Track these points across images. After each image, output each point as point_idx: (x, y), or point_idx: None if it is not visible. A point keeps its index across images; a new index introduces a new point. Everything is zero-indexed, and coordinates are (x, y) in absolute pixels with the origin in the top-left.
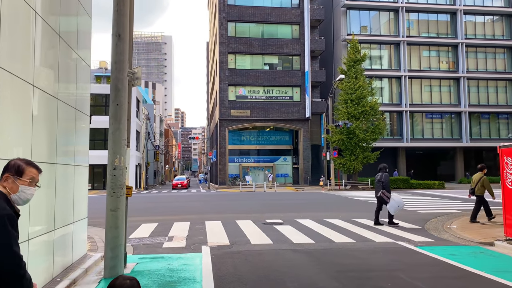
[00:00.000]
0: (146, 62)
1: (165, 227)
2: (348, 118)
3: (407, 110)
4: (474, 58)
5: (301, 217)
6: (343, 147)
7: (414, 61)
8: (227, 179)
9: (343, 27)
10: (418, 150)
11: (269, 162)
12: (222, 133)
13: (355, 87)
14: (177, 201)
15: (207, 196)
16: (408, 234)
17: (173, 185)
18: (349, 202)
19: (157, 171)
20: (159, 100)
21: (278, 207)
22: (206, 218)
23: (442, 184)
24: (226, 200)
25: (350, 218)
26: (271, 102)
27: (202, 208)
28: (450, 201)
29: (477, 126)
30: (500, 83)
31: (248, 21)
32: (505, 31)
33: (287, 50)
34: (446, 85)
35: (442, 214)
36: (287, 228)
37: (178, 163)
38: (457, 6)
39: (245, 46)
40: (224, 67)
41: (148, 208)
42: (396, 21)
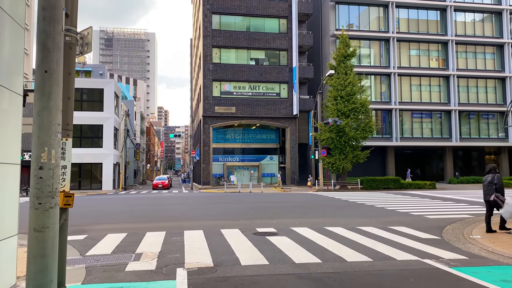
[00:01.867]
0: (129, 59)
1: (135, 239)
2: (338, 115)
3: (397, 108)
4: (464, 56)
5: (296, 225)
6: (332, 146)
7: (404, 58)
8: (211, 179)
9: (331, 22)
10: (407, 150)
11: (255, 161)
12: (206, 131)
13: (345, 83)
14: (155, 203)
15: (189, 198)
16: (430, 247)
17: (153, 185)
18: (344, 205)
19: (137, 171)
20: (140, 96)
21: (269, 212)
22: (186, 226)
23: (433, 184)
24: (210, 203)
25: (354, 226)
26: (257, 98)
27: (182, 213)
28: (455, 203)
29: (466, 125)
30: (489, 82)
31: (233, 14)
32: (495, 29)
33: (274, 44)
34: (435, 83)
35: (455, 220)
36: (284, 240)
37: (161, 162)
38: (447, 3)
39: (231, 40)
40: (208, 61)
41: (121, 212)
42: (385, 16)
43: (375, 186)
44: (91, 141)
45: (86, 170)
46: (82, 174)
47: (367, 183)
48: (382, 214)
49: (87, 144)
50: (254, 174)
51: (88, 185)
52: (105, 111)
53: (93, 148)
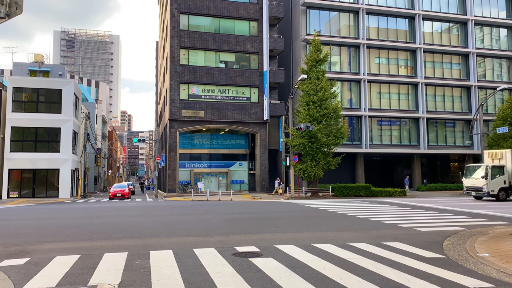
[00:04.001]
0: (91, 62)
1: (89, 263)
2: (310, 121)
3: (366, 114)
4: (431, 65)
5: (280, 241)
6: (304, 152)
7: (373, 65)
8: (177, 186)
9: (302, 26)
10: (376, 156)
11: (224, 167)
12: (172, 136)
13: (317, 88)
14: (116, 215)
15: (154, 208)
16: (442, 270)
17: (111, 194)
18: (324, 215)
19: (98, 177)
20: (102, 99)
21: (245, 225)
22: (152, 244)
23: (404, 191)
24: (178, 214)
25: (345, 243)
26: (226, 102)
27: (146, 227)
28: (438, 213)
29: (433, 132)
30: (455, 91)
31: (202, 15)
32: (460, 39)
33: (245, 47)
34: (404, 91)
35: (449, 233)
36: (271, 263)
37: (123, 168)
38: (416, 11)
39: (199, 41)
40: (175, 63)
41: (76, 226)
42: (356, 23)
43: (346, 193)
44: (47, 145)
45: (41, 176)
46: (36, 181)
47: (338, 190)
48: (369, 227)
49: (42, 149)
50: (222, 181)
51: (43, 192)
52: (64, 113)
53: (50, 152)
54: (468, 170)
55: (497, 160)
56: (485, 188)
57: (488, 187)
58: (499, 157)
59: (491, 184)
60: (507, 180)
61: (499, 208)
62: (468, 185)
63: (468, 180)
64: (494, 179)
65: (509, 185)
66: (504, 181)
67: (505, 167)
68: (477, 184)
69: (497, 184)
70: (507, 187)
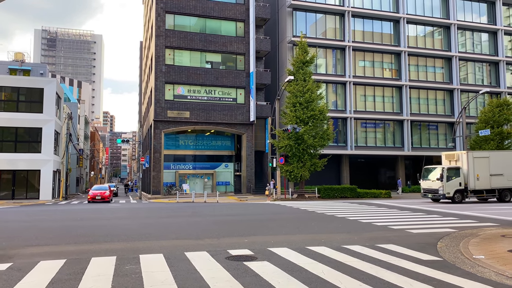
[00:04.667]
0: (73, 61)
1: (77, 269)
2: (297, 122)
3: (352, 116)
4: (415, 69)
5: (274, 244)
6: (290, 154)
7: (359, 67)
8: (162, 187)
9: (288, 28)
10: (361, 158)
11: (209, 169)
12: (157, 136)
13: (304, 90)
14: (102, 217)
15: (139, 210)
16: (441, 273)
17: (90, 197)
18: (314, 217)
19: (80, 178)
20: (85, 99)
21: (235, 227)
22: (141, 248)
23: (388, 193)
24: (165, 216)
25: (339, 245)
26: (213, 103)
27: (133, 229)
28: (427, 215)
29: (417, 135)
30: (439, 94)
31: (188, 14)
32: (443, 43)
33: (231, 48)
34: (389, 94)
35: (441, 235)
36: (267, 267)
37: (106, 170)
38: (400, 14)
39: (185, 41)
40: (160, 63)
41: (60, 228)
42: (341, 25)
43: (332, 194)
44: (28, 145)
45: (21, 177)
46: (16, 182)
47: (324, 192)
48: (360, 229)
49: (23, 149)
50: (208, 183)
51: (23, 194)
52: (45, 113)
53: (30, 153)
54: (425, 172)
55: (454, 162)
56: (441, 190)
57: (443, 189)
58: (455, 159)
59: (446, 186)
60: (462, 182)
61: (463, 209)
62: (425, 187)
63: (425, 182)
64: (450, 181)
65: (464, 187)
66: (459, 183)
67: (461, 169)
68: (434, 186)
69: (452, 186)
70: (462, 189)
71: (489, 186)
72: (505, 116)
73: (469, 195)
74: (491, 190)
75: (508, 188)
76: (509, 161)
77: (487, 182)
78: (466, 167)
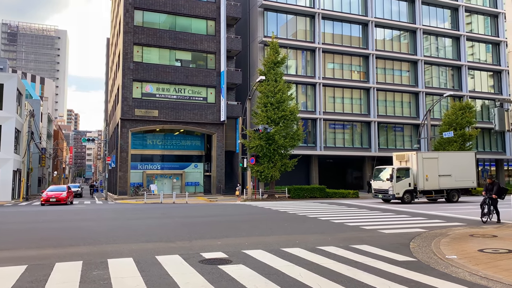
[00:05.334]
0: (36, 57)
1: (39, 276)
2: (268, 122)
3: (321, 117)
4: (382, 72)
5: (248, 246)
6: (261, 154)
7: (328, 69)
8: (129, 188)
9: (260, 28)
10: (329, 159)
11: (178, 169)
12: (124, 135)
13: (275, 90)
14: (66, 219)
15: (106, 211)
16: (417, 274)
17: (43, 199)
18: (286, 217)
19: (42, 178)
20: (48, 96)
21: (207, 229)
22: (109, 252)
23: (356, 193)
24: (133, 218)
25: (314, 246)
26: (182, 102)
27: (100, 232)
28: (396, 215)
29: (384, 136)
30: (405, 97)
31: (158, 11)
32: (410, 46)
33: (202, 46)
34: (357, 95)
35: (412, 235)
36: (243, 270)
37: (69, 169)
38: (369, 18)
39: (154, 38)
40: (128, 60)
41: (19, 231)
42: (312, 27)
43: (302, 195)
44: None
45: None
46: None
47: (294, 192)
48: (333, 229)
49: None
50: (176, 183)
51: None
52: (5, 110)
53: None
54: (376, 172)
55: (404, 163)
56: (391, 190)
57: (393, 190)
58: (406, 159)
59: (396, 187)
60: (412, 183)
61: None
62: (376, 187)
63: (376, 183)
64: (400, 181)
65: (414, 188)
66: (409, 183)
67: (411, 169)
68: (384, 186)
69: (402, 187)
70: (412, 189)
71: (438, 186)
72: (467, 119)
73: (418, 196)
74: (439, 191)
75: (455, 188)
76: (457, 162)
77: (436, 183)
78: (416, 168)
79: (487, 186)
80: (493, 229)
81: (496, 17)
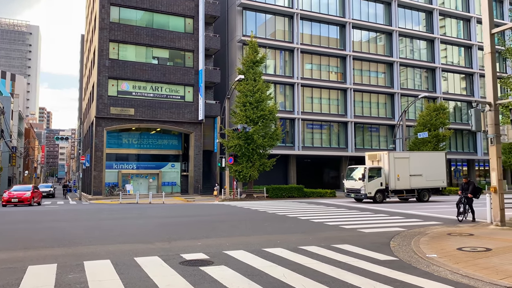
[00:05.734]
0: (6, 53)
1: (10, 280)
2: (246, 122)
3: (299, 117)
4: (359, 73)
5: (229, 247)
6: (240, 153)
7: (306, 69)
8: (104, 188)
9: (238, 27)
10: (307, 158)
11: (155, 168)
12: (98, 134)
13: (254, 90)
14: (38, 219)
15: (80, 212)
16: (401, 274)
17: (4, 200)
18: (266, 217)
19: (12, 178)
20: (19, 93)
21: (186, 229)
22: (85, 253)
23: (333, 192)
24: (109, 218)
25: (296, 246)
26: (159, 100)
27: (75, 233)
28: (374, 214)
29: (360, 136)
30: (381, 98)
31: (134, 7)
32: (386, 48)
33: (180, 44)
34: (334, 96)
35: (392, 234)
36: (226, 272)
37: (41, 169)
38: (346, 19)
39: (131, 35)
40: (104, 57)
41: None
42: (290, 27)
43: (280, 194)
44: None
45: None
46: None
47: (272, 192)
48: (313, 229)
49: None
50: (153, 183)
51: None
52: None
53: None
54: (348, 171)
55: (376, 162)
56: (363, 190)
57: (365, 189)
58: (378, 159)
59: (368, 186)
60: (383, 182)
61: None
62: (348, 186)
63: (348, 182)
64: (372, 180)
65: (385, 187)
66: (381, 183)
67: (383, 169)
68: (356, 186)
69: (374, 186)
70: (383, 189)
71: (409, 186)
72: (441, 120)
73: (390, 195)
74: (411, 190)
75: (426, 188)
76: (427, 162)
77: (407, 182)
78: (388, 167)
79: (463, 185)
80: (469, 227)
81: (469, 21)
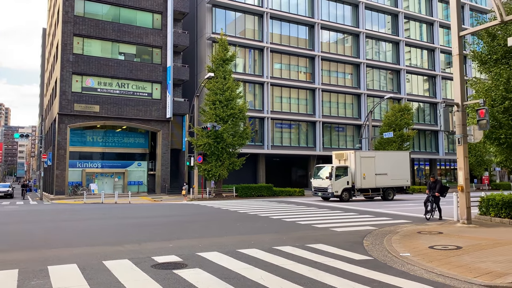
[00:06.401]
0: None
1: None
2: (216, 120)
3: (269, 117)
4: (327, 74)
5: (202, 248)
6: (209, 152)
7: (276, 69)
8: (67, 187)
9: (208, 24)
10: (276, 157)
11: (120, 167)
12: (61, 132)
13: (224, 88)
14: None
15: (42, 213)
16: (378, 274)
17: None
18: (237, 217)
19: None
20: None
21: (155, 229)
22: (49, 257)
23: (302, 191)
24: (73, 219)
25: (270, 246)
26: (126, 97)
27: (38, 235)
28: (344, 213)
29: (328, 135)
30: (348, 98)
31: (100, 1)
32: (353, 49)
33: (147, 40)
34: (303, 96)
35: (364, 233)
36: (201, 275)
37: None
38: (315, 20)
39: (96, 30)
40: (68, 51)
41: None
42: (260, 26)
43: (249, 193)
44: None
45: None
46: None
47: (242, 191)
48: (286, 228)
49: None
50: (118, 182)
51: None
52: None
53: None
54: (316, 170)
55: (343, 161)
56: (330, 188)
57: (332, 188)
58: (344, 158)
59: (335, 185)
60: (350, 181)
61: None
62: (315, 185)
63: (315, 181)
64: (338, 179)
65: (352, 186)
66: (347, 181)
67: (349, 168)
68: (323, 184)
69: (341, 185)
70: (350, 187)
71: (375, 185)
72: (405, 120)
73: (356, 194)
74: (376, 189)
75: (391, 187)
76: (392, 161)
77: (373, 181)
78: (354, 167)
79: (430, 184)
80: (438, 225)
81: (432, 24)
